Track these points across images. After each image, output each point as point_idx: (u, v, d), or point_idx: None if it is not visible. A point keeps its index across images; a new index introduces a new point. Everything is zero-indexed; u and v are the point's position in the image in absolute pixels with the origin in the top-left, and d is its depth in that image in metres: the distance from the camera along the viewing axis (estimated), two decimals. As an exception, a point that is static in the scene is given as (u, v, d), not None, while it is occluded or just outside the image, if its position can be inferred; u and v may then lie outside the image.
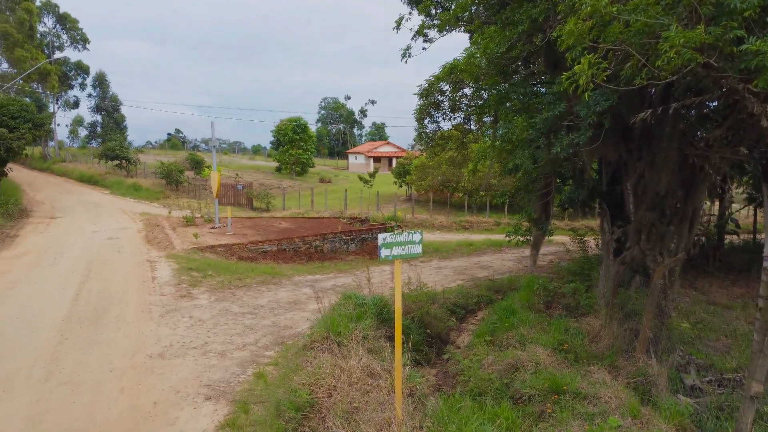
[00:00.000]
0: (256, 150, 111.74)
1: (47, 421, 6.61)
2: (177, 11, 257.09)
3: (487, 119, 21.27)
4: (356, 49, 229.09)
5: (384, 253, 5.63)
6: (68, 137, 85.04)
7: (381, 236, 5.51)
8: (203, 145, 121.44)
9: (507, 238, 16.07)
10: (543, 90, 13.03)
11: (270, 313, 11.85)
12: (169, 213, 26.02)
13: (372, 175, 34.66)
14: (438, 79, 19.60)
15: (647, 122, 8.52)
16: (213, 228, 21.78)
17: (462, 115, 21.25)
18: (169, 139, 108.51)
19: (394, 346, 8.48)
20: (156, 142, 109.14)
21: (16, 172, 48.31)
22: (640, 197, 10.56)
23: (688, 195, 10.76)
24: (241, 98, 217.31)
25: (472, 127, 21.79)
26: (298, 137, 50.92)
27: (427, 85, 19.66)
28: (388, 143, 75.88)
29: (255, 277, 15.24)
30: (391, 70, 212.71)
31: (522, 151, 10.75)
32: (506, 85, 12.75)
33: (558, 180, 14.57)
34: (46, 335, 9.56)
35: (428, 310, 10.92)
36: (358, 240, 21.81)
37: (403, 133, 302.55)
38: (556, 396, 7.11)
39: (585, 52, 6.14)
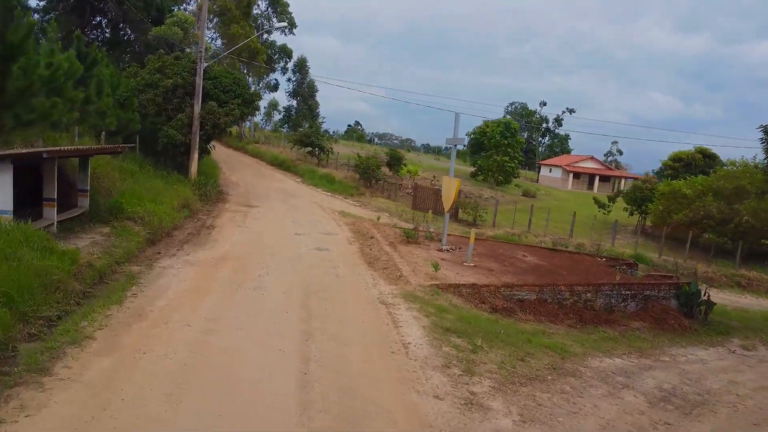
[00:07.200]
0: (437, 150, 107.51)
1: None
2: (366, 10, 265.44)
3: None
4: (536, 54, 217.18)
5: None
6: (262, 119, 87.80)
7: None
8: (377, 139, 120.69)
9: None
10: None
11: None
12: (378, 218, 21.51)
13: (612, 199, 27.46)
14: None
15: None
16: (440, 250, 16.63)
17: None
18: (347, 131, 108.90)
19: None
20: (334, 133, 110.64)
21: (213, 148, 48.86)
22: None
23: None
24: (416, 96, 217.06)
25: None
26: (506, 142, 44.53)
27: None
28: (592, 158, 66.32)
29: (540, 357, 9.67)
30: (570, 79, 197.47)
31: None
32: None
33: None
34: None
35: None
36: (640, 297, 15.23)
37: (589, 146, 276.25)
38: None
39: None
